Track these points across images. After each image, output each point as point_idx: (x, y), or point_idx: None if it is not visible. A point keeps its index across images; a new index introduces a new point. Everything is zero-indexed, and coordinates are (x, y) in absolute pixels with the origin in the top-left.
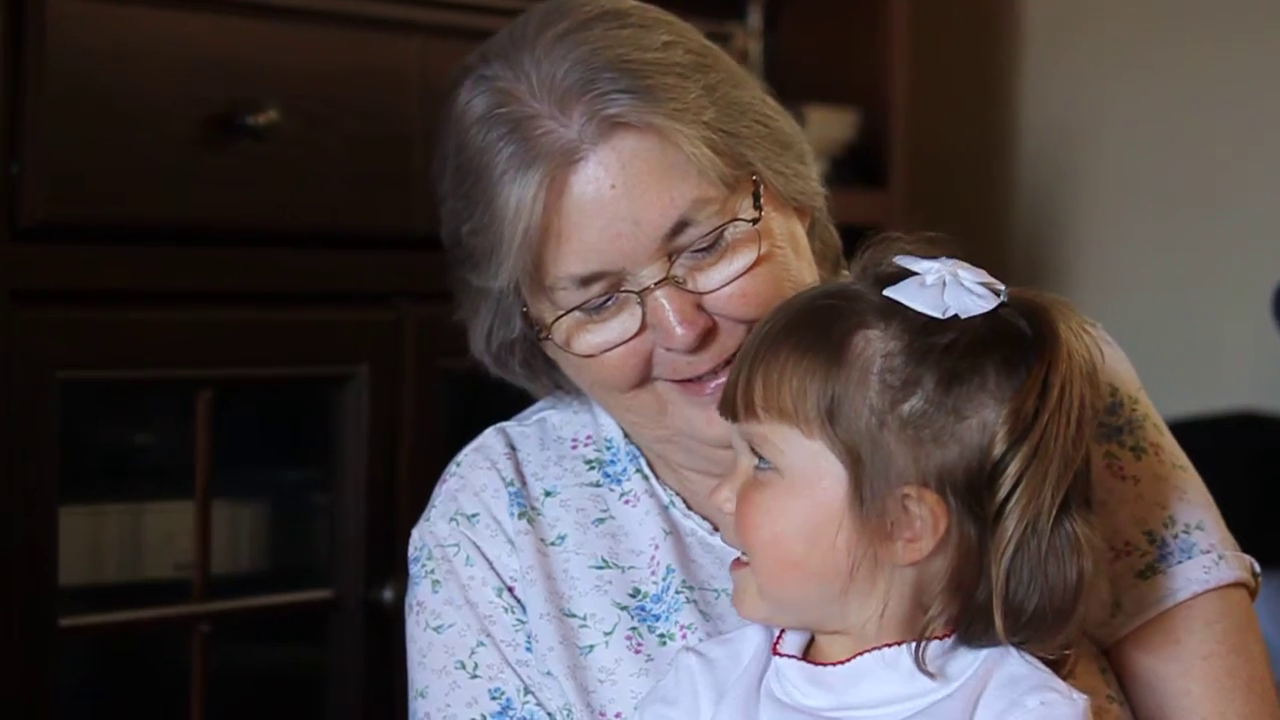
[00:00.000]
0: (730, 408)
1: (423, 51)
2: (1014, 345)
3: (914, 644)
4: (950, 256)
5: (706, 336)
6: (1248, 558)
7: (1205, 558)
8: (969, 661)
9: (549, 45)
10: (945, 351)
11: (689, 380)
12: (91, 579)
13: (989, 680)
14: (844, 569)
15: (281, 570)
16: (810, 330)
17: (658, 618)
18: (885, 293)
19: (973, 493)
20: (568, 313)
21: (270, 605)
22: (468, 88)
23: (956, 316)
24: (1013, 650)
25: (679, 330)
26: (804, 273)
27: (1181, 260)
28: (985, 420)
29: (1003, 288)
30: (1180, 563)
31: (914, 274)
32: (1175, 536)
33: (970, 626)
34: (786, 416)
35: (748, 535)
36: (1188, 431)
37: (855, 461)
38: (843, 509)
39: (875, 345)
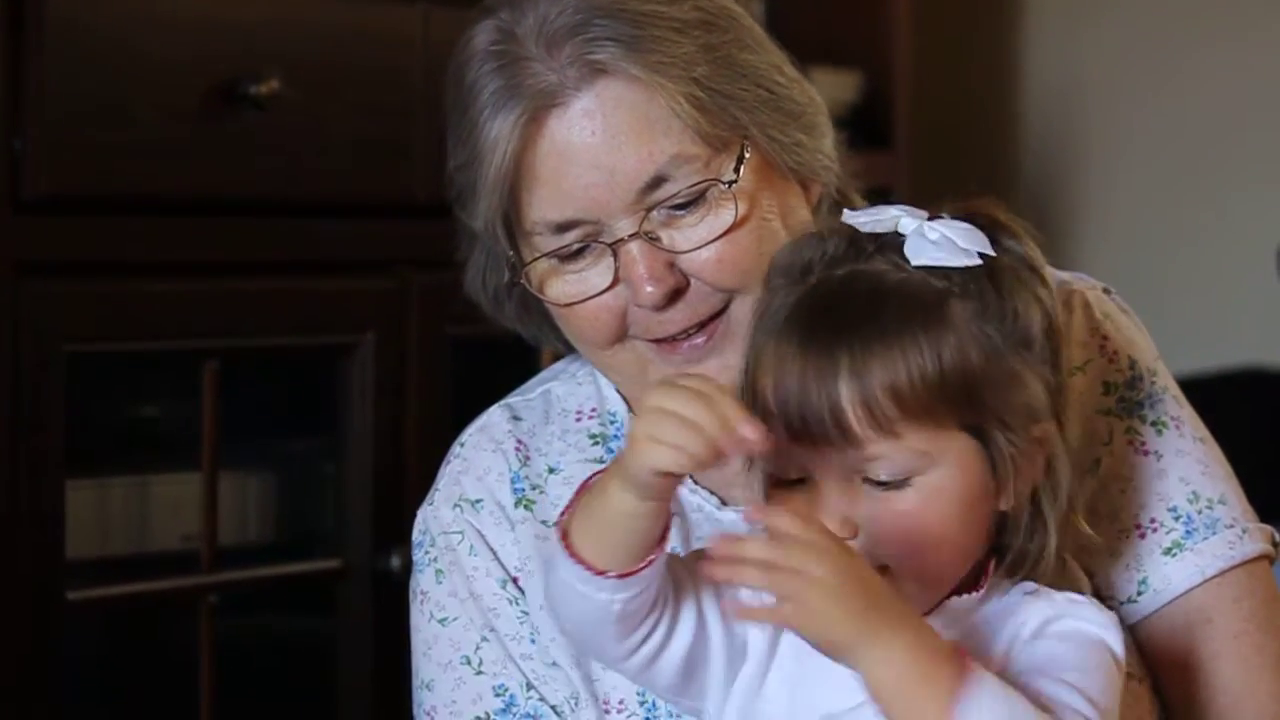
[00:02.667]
0: (845, 436)
1: (425, 19)
2: (1017, 256)
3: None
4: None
5: (676, 295)
6: (1268, 528)
7: (1229, 532)
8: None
9: None
10: (1015, 281)
11: (663, 340)
12: (99, 552)
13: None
14: (986, 531)
15: (289, 540)
16: (892, 319)
17: None
18: (916, 263)
19: (1056, 406)
20: (541, 257)
21: (278, 575)
22: (478, 24)
23: (981, 253)
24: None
25: (648, 287)
26: None
27: (1187, 217)
28: (1043, 330)
29: (942, 213)
30: (1206, 539)
31: (898, 233)
32: (1200, 512)
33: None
34: (925, 414)
35: (903, 546)
36: (1193, 388)
37: (997, 425)
38: (987, 474)
39: (970, 304)
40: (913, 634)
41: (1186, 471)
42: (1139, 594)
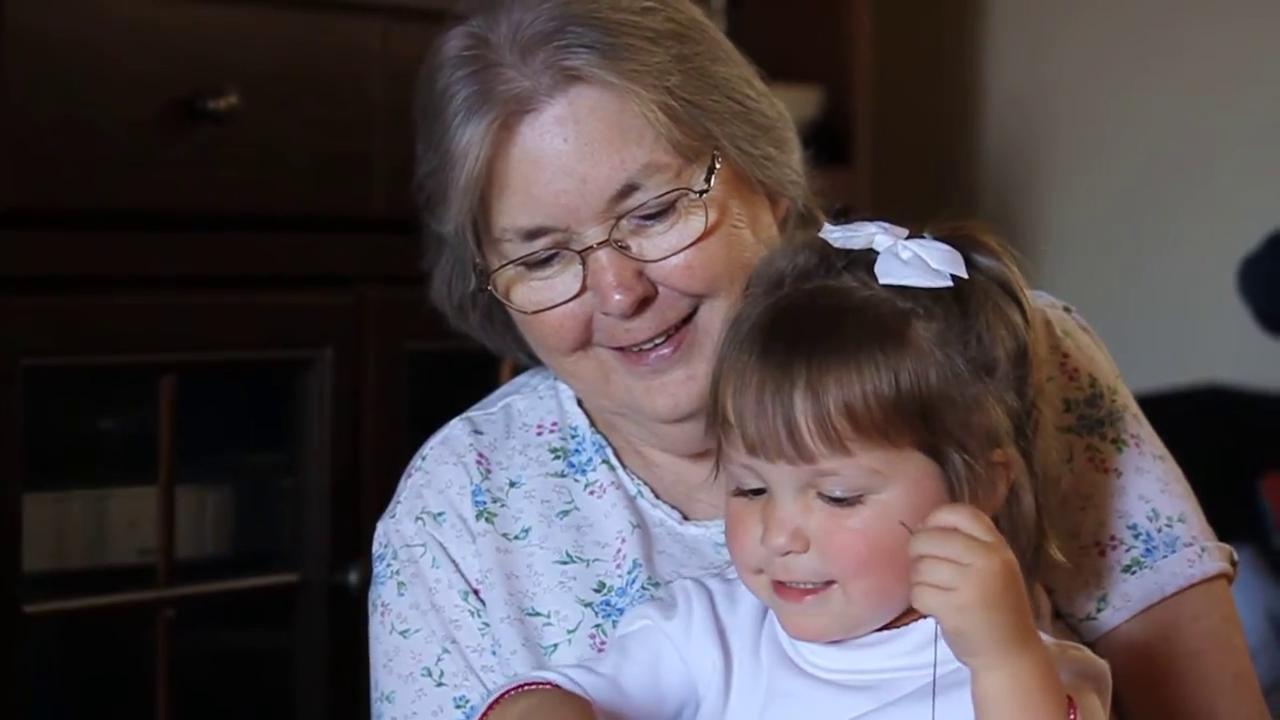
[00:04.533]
0: (799, 451)
1: (385, 33)
2: (993, 277)
3: None
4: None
5: (644, 304)
6: (1227, 547)
7: (1189, 550)
8: None
9: None
10: (984, 304)
11: (629, 350)
12: (56, 565)
13: None
14: None
15: (246, 554)
16: (851, 337)
17: (622, 611)
18: (884, 281)
19: (1020, 432)
20: (509, 264)
21: (235, 589)
22: (449, 30)
23: (952, 275)
24: None
25: (616, 295)
26: (763, 250)
27: (1147, 233)
28: (1009, 355)
29: (923, 234)
30: (1165, 557)
31: (871, 250)
32: (1159, 530)
33: None
34: (879, 434)
35: (851, 562)
36: (1154, 405)
37: (954, 447)
38: (943, 496)
39: (934, 326)
40: (1040, 656)
41: (1146, 489)
42: (1098, 611)
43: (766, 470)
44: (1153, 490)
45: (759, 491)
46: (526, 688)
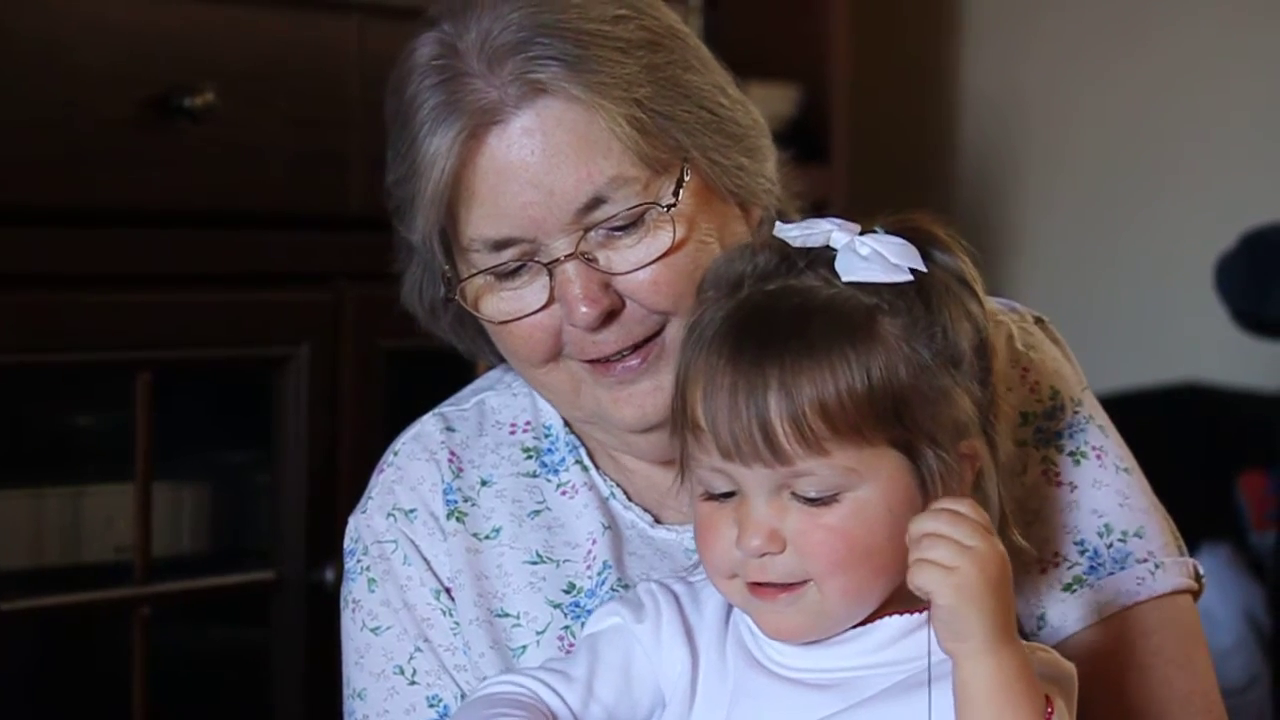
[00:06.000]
0: (774, 453)
1: (361, 29)
2: (949, 270)
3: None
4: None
5: (611, 316)
6: (1190, 561)
7: (1140, 568)
8: None
9: (497, 1)
10: (945, 297)
11: (597, 361)
12: (31, 563)
13: None
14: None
15: (223, 552)
16: (820, 336)
17: (591, 613)
18: (847, 279)
19: (986, 421)
20: (477, 274)
21: (212, 587)
22: (420, 35)
23: (912, 269)
24: None
25: (582, 308)
26: None
27: (1124, 233)
28: (972, 346)
29: (876, 228)
30: (1112, 574)
31: (829, 248)
32: (1109, 546)
33: None
34: (853, 431)
35: (829, 560)
36: (1131, 404)
37: (926, 441)
38: (915, 490)
39: (899, 321)
40: (1021, 652)
41: (1101, 504)
42: (1039, 629)
43: (739, 473)
44: (1109, 504)
45: (728, 495)
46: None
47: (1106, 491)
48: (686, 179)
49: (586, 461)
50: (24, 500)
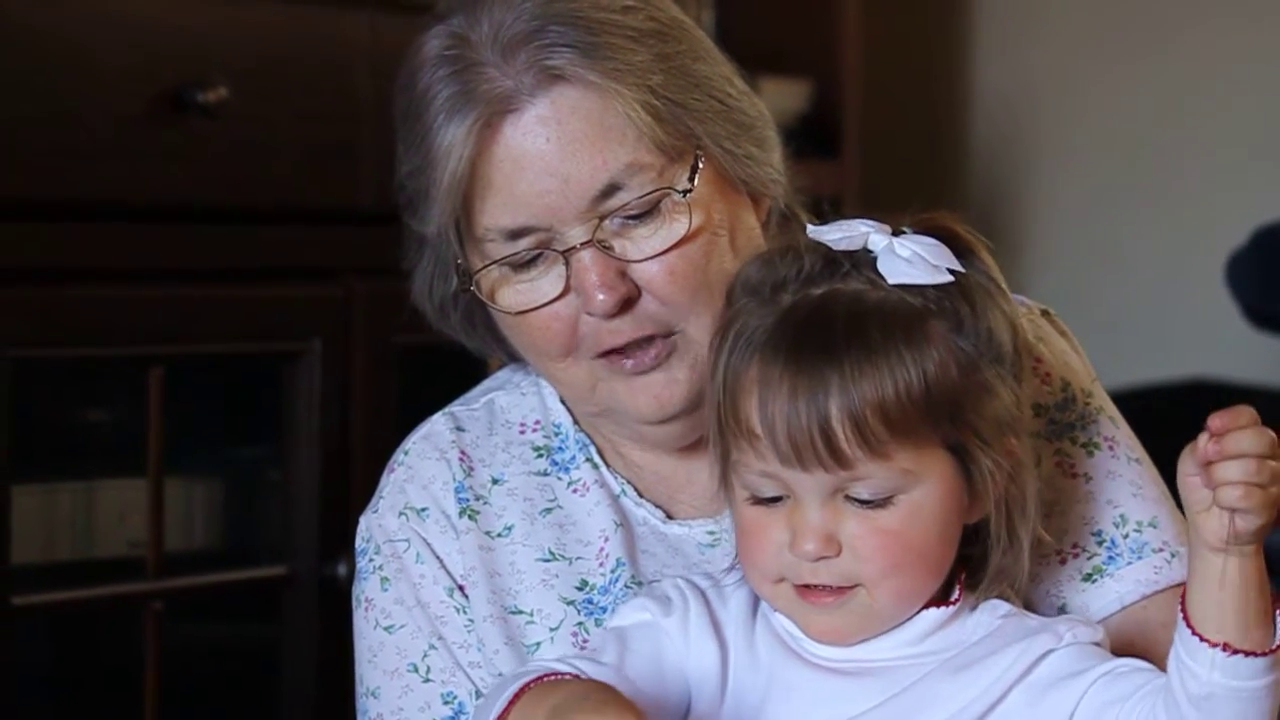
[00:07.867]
0: (835, 457)
1: (372, 25)
2: (975, 265)
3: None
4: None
5: (627, 304)
6: None
7: (1157, 557)
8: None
9: None
10: (984, 296)
11: (612, 353)
12: (44, 557)
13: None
14: (956, 544)
15: (235, 547)
16: (877, 339)
17: (605, 610)
18: (894, 281)
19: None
20: (493, 264)
21: (224, 582)
22: (430, 30)
23: (950, 269)
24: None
25: (599, 295)
26: (740, 259)
27: (1134, 228)
28: (1011, 343)
29: (904, 228)
30: (1130, 564)
31: (867, 250)
32: (1126, 536)
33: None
34: (911, 433)
35: (885, 563)
36: (1139, 400)
37: (974, 440)
38: (964, 489)
39: (947, 321)
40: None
41: (1116, 494)
42: None
43: (794, 478)
44: (1123, 495)
45: (776, 499)
46: (548, 679)
47: (1120, 482)
48: (701, 166)
49: (597, 459)
50: (36, 495)
